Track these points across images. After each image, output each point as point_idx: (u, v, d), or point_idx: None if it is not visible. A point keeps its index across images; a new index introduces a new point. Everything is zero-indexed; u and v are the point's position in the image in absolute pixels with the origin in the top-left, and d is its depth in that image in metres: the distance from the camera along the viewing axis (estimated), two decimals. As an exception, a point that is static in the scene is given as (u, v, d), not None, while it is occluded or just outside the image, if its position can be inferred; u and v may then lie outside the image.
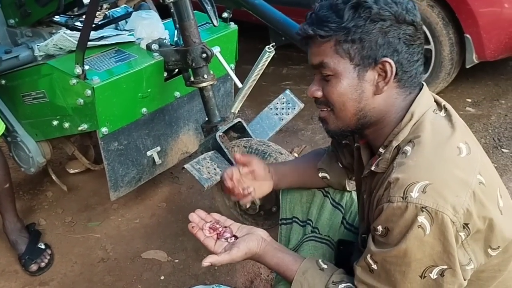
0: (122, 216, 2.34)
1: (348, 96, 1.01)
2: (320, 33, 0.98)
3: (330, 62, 1.00)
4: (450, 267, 0.92)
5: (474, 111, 3.04)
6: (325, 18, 0.98)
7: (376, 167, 1.05)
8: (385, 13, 0.95)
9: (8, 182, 2.02)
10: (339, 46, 0.98)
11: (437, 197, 0.89)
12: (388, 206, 0.93)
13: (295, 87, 3.40)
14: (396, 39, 0.97)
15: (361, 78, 1.00)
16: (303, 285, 1.08)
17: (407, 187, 0.91)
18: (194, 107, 2.21)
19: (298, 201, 1.44)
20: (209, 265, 1.10)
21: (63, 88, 1.82)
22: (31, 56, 2.04)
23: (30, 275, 2.03)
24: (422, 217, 0.89)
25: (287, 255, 1.15)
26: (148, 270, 2.03)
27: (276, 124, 2.13)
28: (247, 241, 1.13)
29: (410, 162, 0.95)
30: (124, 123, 1.89)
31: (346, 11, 0.96)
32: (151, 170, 2.13)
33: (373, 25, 0.96)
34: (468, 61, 2.87)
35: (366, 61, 0.98)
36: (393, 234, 0.94)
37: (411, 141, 0.99)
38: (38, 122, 2.03)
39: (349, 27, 0.96)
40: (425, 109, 1.02)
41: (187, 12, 1.77)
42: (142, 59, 1.88)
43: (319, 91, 1.06)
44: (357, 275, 1.03)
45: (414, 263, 0.93)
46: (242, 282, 1.96)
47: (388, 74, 0.98)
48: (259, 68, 1.88)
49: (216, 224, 1.18)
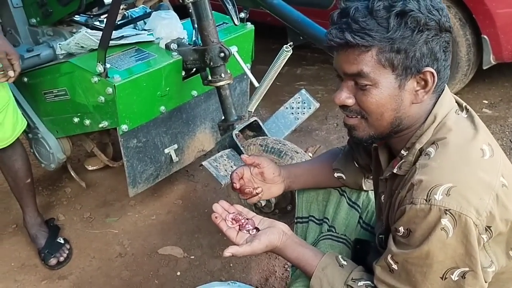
0: (139, 213, 2.37)
1: (387, 106, 0.98)
2: (363, 42, 0.93)
3: (370, 72, 0.95)
4: (471, 269, 0.92)
5: (490, 112, 3.02)
6: (366, 25, 0.93)
7: (398, 170, 1.04)
8: (431, 23, 0.93)
9: (30, 178, 2.07)
10: (381, 55, 0.94)
11: (461, 200, 0.89)
12: (411, 207, 0.93)
13: (310, 87, 3.41)
14: (437, 47, 0.96)
15: (401, 87, 0.97)
16: (322, 281, 1.09)
17: (431, 189, 0.91)
18: (211, 106, 2.24)
19: (314, 200, 1.44)
20: (230, 256, 1.11)
21: (84, 86, 1.85)
22: (52, 54, 2.08)
23: (49, 269, 2.08)
24: (446, 219, 0.89)
25: (308, 249, 1.15)
26: (164, 266, 2.06)
27: (292, 123, 2.14)
28: (268, 234, 1.13)
29: (433, 164, 0.95)
30: (143, 121, 1.92)
31: (392, 20, 0.92)
32: (168, 167, 2.16)
33: (419, 35, 0.93)
34: (485, 62, 2.86)
35: (409, 71, 0.96)
36: (415, 236, 0.93)
37: (434, 143, 0.98)
38: (59, 119, 2.08)
39: (394, 37, 0.92)
40: (447, 111, 1.01)
41: (206, 12, 1.80)
42: (161, 58, 1.91)
43: (351, 98, 1.01)
44: (376, 274, 1.03)
45: (435, 265, 0.93)
46: (257, 279, 1.98)
47: (429, 83, 0.97)
48: (276, 67, 1.89)
49: (238, 215, 1.19)
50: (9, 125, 1.88)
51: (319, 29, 1.96)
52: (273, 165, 1.34)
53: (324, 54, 3.77)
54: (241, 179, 1.31)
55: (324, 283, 1.09)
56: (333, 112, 3.14)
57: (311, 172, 1.41)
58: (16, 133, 1.92)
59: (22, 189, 2.07)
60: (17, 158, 2.00)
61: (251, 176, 1.32)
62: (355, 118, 1.03)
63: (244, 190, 1.30)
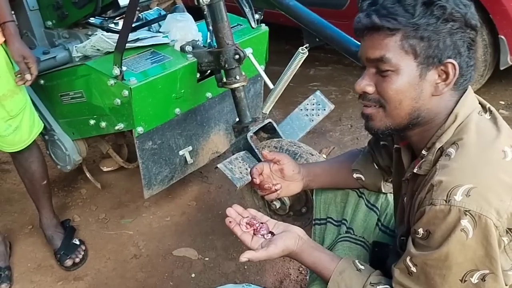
0: (153, 214, 2.38)
1: (406, 94, 0.98)
2: (388, 25, 0.95)
3: (392, 57, 0.96)
4: (492, 271, 0.91)
5: (507, 113, 2.98)
6: (393, 10, 0.95)
7: (418, 169, 1.03)
8: (456, 14, 0.94)
9: (46, 179, 2.09)
10: (405, 41, 0.95)
11: (481, 201, 0.88)
12: (431, 208, 0.92)
13: (323, 88, 3.40)
14: (461, 42, 0.96)
15: (422, 77, 0.97)
16: (340, 285, 1.08)
17: (451, 190, 0.90)
18: (225, 108, 2.24)
19: (332, 201, 1.44)
20: (247, 261, 1.10)
21: (101, 88, 1.86)
22: (68, 57, 2.10)
23: (65, 270, 2.09)
24: (465, 220, 0.88)
25: (324, 254, 1.15)
26: (179, 267, 2.07)
27: (307, 125, 2.13)
28: (284, 239, 1.12)
29: (454, 164, 0.94)
30: (158, 123, 1.93)
31: (418, 7, 0.93)
32: (182, 169, 2.17)
33: (443, 24, 0.94)
34: (502, 63, 2.82)
35: (431, 60, 0.96)
36: (434, 237, 0.93)
37: (454, 143, 0.97)
38: (75, 121, 2.09)
39: (419, 24, 0.94)
40: (469, 111, 1.00)
41: (221, 14, 1.80)
42: (177, 61, 1.92)
43: (371, 86, 1.02)
44: (395, 277, 1.02)
45: (455, 267, 0.92)
46: (272, 282, 1.97)
47: (451, 76, 0.97)
48: (292, 69, 1.89)
49: (253, 220, 1.17)
50: (26, 127, 1.90)
51: (335, 31, 1.95)
52: (293, 163, 1.35)
53: (338, 55, 3.76)
54: (261, 174, 1.32)
55: (342, 287, 1.08)
56: (347, 114, 3.13)
57: (330, 172, 1.41)
58: (33, 136, 1.94)
59: (38, 191, 2.09)
60: (33, 160, 2.01)
61: (270, 173, 1.33)
62: (373, 107, 1.03)
63: (264, 185, 1.31)
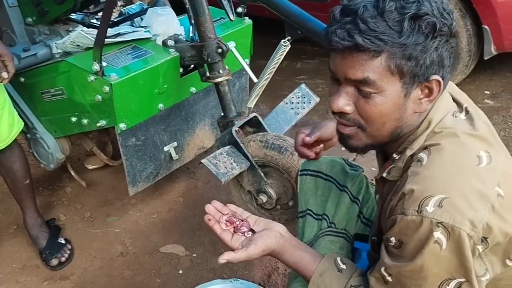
0: (140, 211, 2.36)
1: (390, 116, 0.92)
2: (374, 47, 0.86)
3: (377, 79, 0.88)
4: (467, 280, 0.89)
5: (492, 103, 3.00)
6: (377, 28, 0.85)
7: (387, 174, 1.01)
8: (444, 28, 0.88)
9: (28, 178, 2.06)
10: (391, 62, 0.87)
11: (454, 212, 0.84)
12: (402, 218, 0.89)
13: (310, 81, 3.39)
14: (446, 54, 0.91)
15: (407, 96, 0.91)
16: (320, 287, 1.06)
17: (422, 200, 0.86)
18: (210, 103, 2.22)
19: (313, 194, 1.42)
20: (226, 262, 1.06)
21: (81, 84, 1.84)
22: (49, 53, 2.07)
23: (51, 269, 2.07)
24: (438, 232, 0.85)
25: (306, 253, 1.11)
26: (166, 264, 2.05)
27: (292, 119, 2.12)
28: (265, 238, 1.08)
29: (425, 172, 0.90)
30: (141, 119, 1.91)
31: (405, 23, 0.85)
32: (168, 165, 2.15)
33: (432, 42, 0.87)
34: (486, 53, 2.84)
35: (417, 78, 0.90)
36: (407, 248, 0.90)
37: (426, 148, 0.93)
38: (57, 118, 2.06)
39: (407, 43, 0.86)
40: (443, 115, 0.96)
41: (202, 7, 1.78)
42: (159, 55, 1.89)
43: (349, 106, 0.94)
44: (371, 285, 0.99)
45: (430, 277, 0.90)
46: (260, 276, 1.97)
47: (435, 92, 0.92)
48: (274, 62, 1.87)
49: (233, 217, 1.14)
50: (5, 126, 1.86)
51: (317, 23, 1.94)
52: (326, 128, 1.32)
53: (324, 47, 3.74)
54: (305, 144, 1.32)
55: None
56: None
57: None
58: (13, 135, 1.91)
59: (21, 190, 2.06)
60: (15, 159, 1.98)
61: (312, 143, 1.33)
62: (352, 127, 0.97)
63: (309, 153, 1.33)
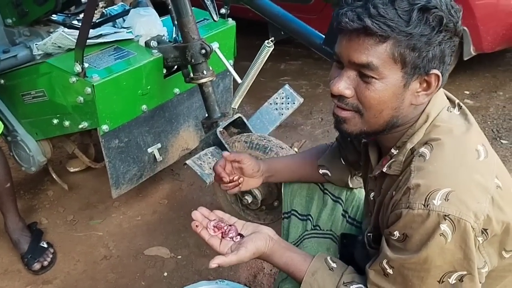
0: (123, 214, 2.34)
1: (388, 104, 0.93)
2: (381, 31, 0.87)
3: (379, 65, 0.89)
4: (469, 272, 0.91)
5: (472, 103, 3.05)
6: (386, 14, 0.86)
7: (388, 169, 1.01)
8: (450, 24, 0.89)
9: (9, 182, 2.02)
10: (396, 49, 0.88)
11: (459, 205, 0.87)
12: (408, 212, 0.90)
13: (294, 82, 3.41)
14: (448, 50, 0.92)
15: (406, 87, 0.92)
16: (312, 287, 1.06)
17: (429, 194, 0.88)
18: (194, 104, 2.21)
19: (298, 194, 1.43)
20: (217, 266, 1.06)
21: (62, 86, 1.82)
22: (29, 55, 2.03)
23: (33, 274, 2.03)
24: (445, 225, 0.87)
25: (296, 254, 1.12)
26: (151, 266, 2.04)
27: (276, 119, 2.13)
28: (255, 241, 1.08)
29: (430, 167, 0.92)
30: (124, 121, 1.89)
31: (414, 13, 0.86)
32: (152, 167, 2.14)
33: (437, 36, 0.88)
34: (466, 53, 2.89)
35: (418, 70, 0.91)
36: (412, 241, 0.91)
37: (428, 143, 0.95)
38: (38, 121, 2.03)
39: (413, 33, 0.87)
40: (439, 109, 0.98)
41: (185, 8, 1.77)
42: (141, 56, 1.88)
43: (349, 89, 0.94)
44: (370, 278, 1.01)
45: (433, 270, 0.91)
46: (246, 277, 1.97)
47: (433, 86, 0.93)
48: (258, 63, 1.88)
49: (220, 222, 1.14)
50: None
51: (300, 24, 1.95)
52: (253, 162, 1.34)
53: (307, 49, 3.74)
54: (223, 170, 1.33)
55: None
56: (317, 107, 3.14)
57: (292, 167, 1.40)
58: None
59: (2, 194, 2.02)
60: None
61: (232, 169, 1.34)
62: (349, 111, 0.97)
63: (224, 180, 1.32)
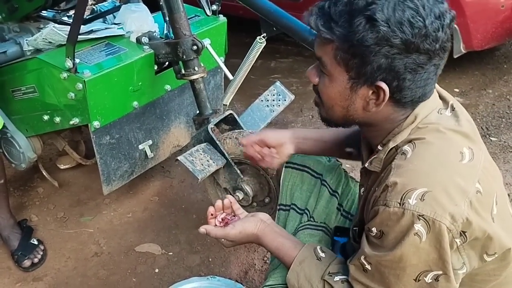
0: (114, 211, 2.33)
1: (337, 101, 0.98)
2: (324, 34, 0.92)
3: (328, 63, 0.96)
4: (444, 272, 0.91)
5: (462, 100, 3.07)
6: (335, 17, 0.90)
7: (369, 165, 1.03)
8: (394, 40, 0.87)
9: (3, 178, 2.01)
10: (338, 52, 0.92)
11: (435, 206, 0.87)
12: (384, 210, 0.91)
13: (284, 80, 3.42)
14: (401, 67, 0.90)
15: (353, 90, 0.95)
16: (299, 275, 1.08)
17: (405, 193, 0.89)
18: (185, 100, 2.21)
19: (298, 188, 1.44)
20: (204, 232, 1.18)
21: (53, 82, 1.80)
22: (19, 51, 2.02)
23: (23, 271, 2.03)
24: (419, 224, 0.88)
25: (287, 240, 1.15)
26: (142, 263, 2.04)
27: (267, 116, 2.13)
28: (244, 221, 1.16)
29: (409, 165, 0.92)
30: (115, 117, 1.88)
31: (358, 22, 0.87)
32: (143, 163, 2.13)
33: (378, 48, 0.88)
34: (456, 51, 2.91)
35: (363, 78, 0.92)
36: (388, 239, 0.93)
37: (411, 142, 0.96)
38: (28, 117, 2.02)
39: (353, 40, 0.88)
40: (429, 111, 0.98)
41: (177, 4, 1.77)
42: (133, 52, 1.87)
43: (316, 77, 1.02)
44: (351, 273, 1.02)
45: (409, 268, 0.92)
46: (237, 273, 1.97)
47: (380, 98, 0.94)
48: (250, 59, 1.88)
49: (228, 216, 1.24)
50: None
51: (292, 20, 1.95)
52: (272, 131, 1.39)
53: (298, 47, 3.78)
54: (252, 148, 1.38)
55: (301, 278, 1.08)
56: (308, 104, 3.15)
57: (324, 136, 1.39)
58: None
59: None
60: None
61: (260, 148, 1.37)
62: (317, 97, 1.05)
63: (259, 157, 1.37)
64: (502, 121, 2.86)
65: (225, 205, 1.24)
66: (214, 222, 1.23)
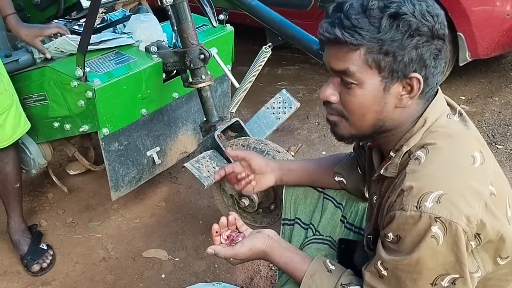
0: (122, 216, 2.36)
1: (370, 108, 0.98)
2: (352, 40, 0.92)
3: (356, 71, 0.95)
4: (462, 276, 0.92)
5: (468, 108, 3.08)
6: (358, 23, 0.92)
7: (385, 171, 1.04)
8: (423, 28, 0.92)
9: (19, 182, 2.04)
10: (369, 56, 0.93)
11: (451, 208, 0.88)
12: (401, 214, 0.92)
13: (291, 87, 3.44)
14: (427, 54, 0.94)
15: (386, 90, 0.96)
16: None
17: (422, 196, 0.90)
18: (192, 108, 2.25)
19: (302, 202, 1.44)
20: (212, 253, 1.14)
21: (64, 90, 1.84)
22: (31, 59, 2.06)
23: (32, 275, 2.05)
24: (436, 227, 0.88)
25: (296, 255, 1.14)
26: (149, 268, 2.06)
27: (273, 123, 2.16)
28: (252, 238, 1.14)
29: (424, 170, 0.94)
30: (124, 124, 1.92)
31: (384, 21, 0.91)
32: (151, 170, 2.16)
33: (409, 40, 0.92)
34: (462, 59, 2.92)
35: (396, 74, 0.95)
36: (404, 243, 0.93)
37: (424, 147, 0.97)
38: (39, 124, 2.06)
39: (384, 39, 0.91)
40: (438, 115, 1.00)
41: (185, 14, 1.81)
42: (141, 61, 1.91)
43: (335, 95, 1.00)
44: (366, 280, 1.02)
45: (426, 272, 0.92)
46: (242, 279, 1.99)
47: (415, 89, 0.96)
48: (256, 67, 1.91)
49: (233, 233, 1.22)
50: (9, 127, 1.85)
51: (297, 30, 1.98)
52: (259, 156, 1.38)
53: (304, 54, 3.78)
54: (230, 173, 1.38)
55: None
56: (314, 111, 3.17)
57: (308, 169, 1.41)
58: (16, 136, 1.89)
59: (10, 194, 2.04)
60: (9, 161, 1.96)
61: (241, 169, 1.38)
62: (336, 116, 1.03)
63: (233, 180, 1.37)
64: (508, 128, 2.87)
65: (229, 222, 1.22)
66: (219, 240, 1.20)
